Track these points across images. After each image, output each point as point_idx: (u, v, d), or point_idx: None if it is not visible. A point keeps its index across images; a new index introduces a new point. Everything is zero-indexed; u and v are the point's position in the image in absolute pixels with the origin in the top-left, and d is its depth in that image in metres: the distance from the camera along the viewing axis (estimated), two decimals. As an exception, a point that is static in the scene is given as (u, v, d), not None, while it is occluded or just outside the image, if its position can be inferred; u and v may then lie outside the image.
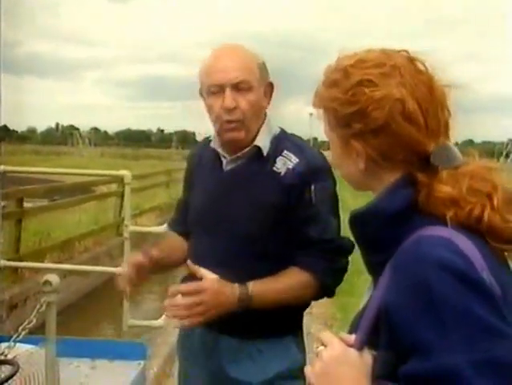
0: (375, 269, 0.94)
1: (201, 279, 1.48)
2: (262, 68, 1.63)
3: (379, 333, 0.85)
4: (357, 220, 0.95)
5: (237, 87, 1.56)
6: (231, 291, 1.50)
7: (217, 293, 1.47)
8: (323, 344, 0.88)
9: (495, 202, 0.88)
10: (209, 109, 1.61)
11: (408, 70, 0.93)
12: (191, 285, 1.48)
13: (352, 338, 0.88)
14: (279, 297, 1.56)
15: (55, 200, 8.00)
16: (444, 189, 0.89)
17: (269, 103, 1.66)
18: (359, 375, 0.84)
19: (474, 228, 0.87)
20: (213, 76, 1.58)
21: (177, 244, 1.84)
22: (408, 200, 0.90)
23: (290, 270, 1.58)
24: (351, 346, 0.87)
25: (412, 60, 0.95)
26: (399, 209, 0.90)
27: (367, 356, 0.86)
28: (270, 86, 1.66)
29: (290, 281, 1.57)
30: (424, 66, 0.95)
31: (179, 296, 1.46)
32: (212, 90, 1.58)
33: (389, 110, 0.90)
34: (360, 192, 1.05)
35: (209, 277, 1.48)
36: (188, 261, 1.47)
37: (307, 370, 0.88)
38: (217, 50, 1.63)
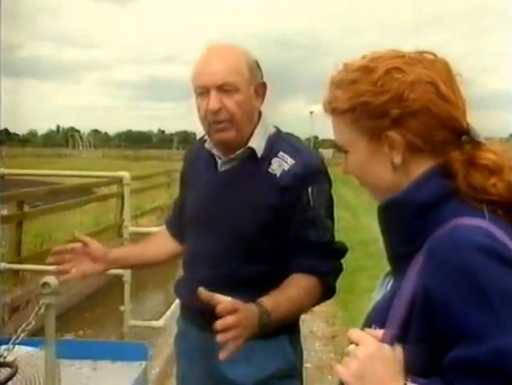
0: (398, 261, 0.93)
1: (209, 303, 1.27)
2: (253, 68, 1.59)
3: (409, 326, 0.84)
4: (386, 210, 0.95)
5: (223, 89, 1.53)
6: (252, 311, 1.38)
7: (247, 311, 1.34)
8: (352, 342, 0.86)
9: None
10: (198, 110, 1.60)
11: (424, 59, 0.96)
12: (227, 304, 1.27)
13: (380, 333, 0.86)
14: (292, 309, 1.52)
15: (37, 205, 7.94)
16: (489, 156, 0.90)
17: (262, 103, 1.64)
18: (394, 372, 0.83)
19: (509, 206, 0.88)
20: (198, 78, 1.57)
21: (154, 245, 1.89)
22: (439, 190, 0.90)
23: (294, 278, 1.54)
24: (382, 341, 0.85)
25: (420, 53, 0.97)
26: (430, 199, 0.90)
27: (399, 351, 0.84)
28: (263, 85, 1.63)
29: (298, 290, 1.53)
30: (434, 55, 0.97)
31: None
32: (198, 91, 1.57)
33: (424, 91, 0.91)
34: (363, 190, 1.04)
35: (227, 299, 1.28)
36: (200, 289, 1.25)
37: (339, 369, 0.85)
38: (207, 51, 1.60)
